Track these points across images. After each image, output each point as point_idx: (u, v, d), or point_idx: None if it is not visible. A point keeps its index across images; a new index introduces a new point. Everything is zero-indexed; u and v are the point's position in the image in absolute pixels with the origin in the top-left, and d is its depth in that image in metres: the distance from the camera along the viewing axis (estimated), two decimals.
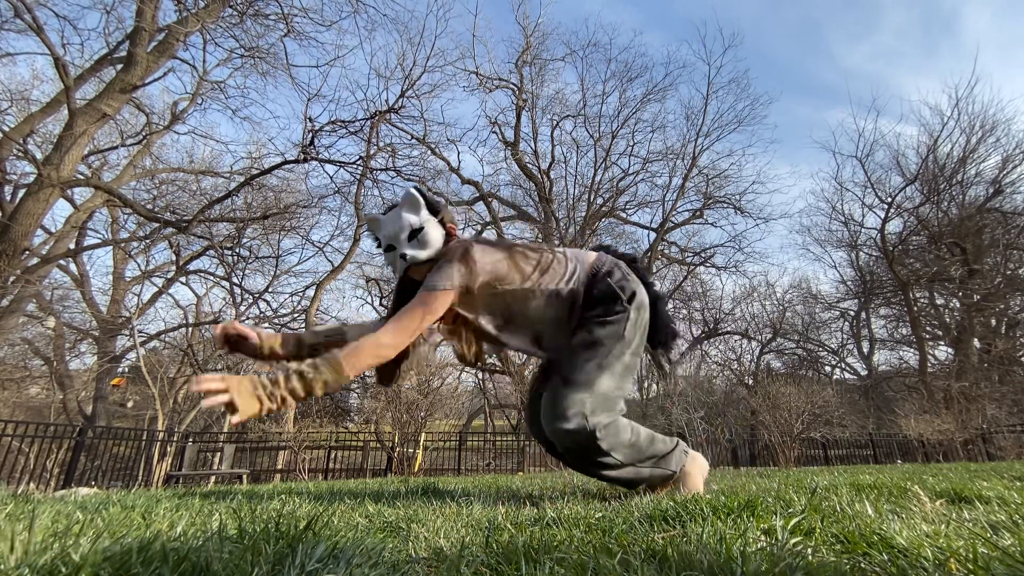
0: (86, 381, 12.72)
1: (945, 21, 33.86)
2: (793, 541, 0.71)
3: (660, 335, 1.89)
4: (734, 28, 31.70)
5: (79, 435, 6.38)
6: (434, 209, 1.75)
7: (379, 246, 1.78)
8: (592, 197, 16.29)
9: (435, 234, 1.71)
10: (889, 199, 15.93)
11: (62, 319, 12.66)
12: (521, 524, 1.05)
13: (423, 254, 1.68)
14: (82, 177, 9.81)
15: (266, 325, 14.80)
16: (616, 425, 1.57)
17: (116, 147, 11.75)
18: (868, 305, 18.01)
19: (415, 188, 1.72)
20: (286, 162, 11.05)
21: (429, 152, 14.00)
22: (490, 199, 15.74)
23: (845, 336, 19.31)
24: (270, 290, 14.92)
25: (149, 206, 11.72)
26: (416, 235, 1.68)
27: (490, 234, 16.49)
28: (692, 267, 17.94)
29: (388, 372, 1.76)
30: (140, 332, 12.20)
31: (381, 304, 17.20)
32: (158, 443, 7.79)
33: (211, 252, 12.91)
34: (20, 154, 7.92)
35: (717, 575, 0.57)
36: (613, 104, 17.22)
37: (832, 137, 39.97)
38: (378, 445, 8.73)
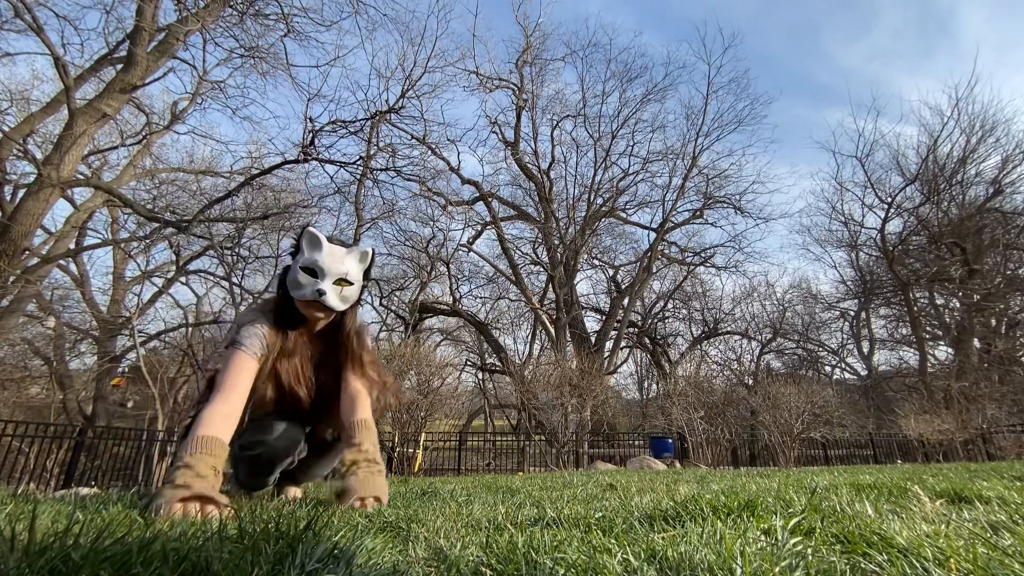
0: (86, 381, 12.72)
1: (940, 22, 33.92)
2: (793, 541, 0.70)
3: None
4: (733, 28, 31.75)
5: (79, 435, 6.39)
6: (368, 276, 1.82)
7: (292, 253, 1.76)
8: (592, 197, 16.30)
9: (355, 295, 1.76)
10: (889, 199, 15.93)
11: (62, 319, 12.66)
12: (521, 524, 1.05)
13: (339, 306, 1.70)
14: (82, 177, 9.82)
15: None
16: None
17: (116, 147, 11.76)
18: (868, 305, 18.01)
19: (372, 249, 1.81)
20: (286, 162, 11.05)
21: (429, 152, 14.01)
22: (490, 199, 15.74)
23: (845, 336, 19.34)
24: (270, 290, 14.91)
25: (149, 206, 11.72)
26: (345, 287, 1.70)
27: (490, 234, 16.51)
28: (692, 267, 17.94)
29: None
30: (140, 332, 12.20)
31: (381, 304, 17.20)
32: (158, 443, 7.79)
33: (211, 252, 12.92)
34: (20, 154, 7.93)
35: (717, 575, 0.57)
36: (613, 104, 17.22)
37: (832, 137, 40.04)
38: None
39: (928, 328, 16.34)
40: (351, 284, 1.71)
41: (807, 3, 33.91)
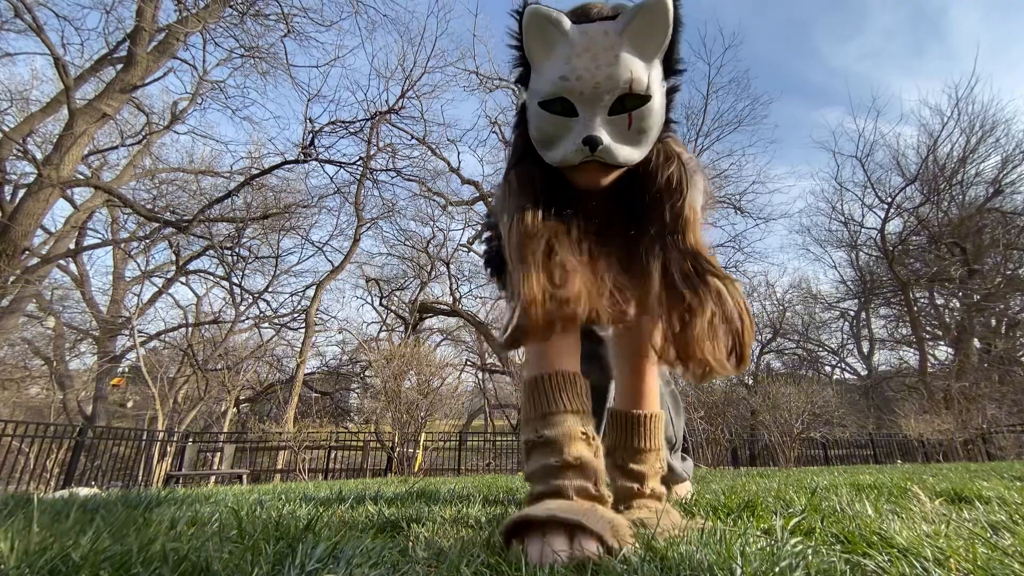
0: (86, 381, 12.72)
1: (933, 22, 33.94)
2: (793, 541, 0.71)
3: None
4: (732, 29, 31.79)
5: (79, 435, 6.38)
6: (674, 62, 0.89)
7: (520, 77, 0.93)
8: None
9: (659, 115, 0.88)
10: (889, 199, 15.94)
11: (62, 319, 12.66)
12: None
13: (632, 156, 0.88)
14: (82, 177, 9.82)
15: (266, 325, 14.81)
16: None
17: (116, 147, 11.76)
18: (868, 305, 18.01)
19: None
20: (286, 162, 11.08)
21: (429, 152, 14.00)
22: (490, 199, 15.73)
23: (845, 336, 19.33)
24: (270, 290, 14.93)
25: (149, 206, 11.72)
26: (635, 107, 0.84)
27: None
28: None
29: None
30: (140, 332, 12.21)
31: (381, 304, 17.19)
32: (158, 443, 7.79)
33: (211, 252, 12.92)
34: (20, 154, 7.93)
35: (717, 575, 0.57)
36: None
37: (832, 137, 39.88)
38: (378, 445, 8.74)
39: (928, 328, 16.34)
40: (647, 99, 0.84)
41: (797, 3, 33.97)
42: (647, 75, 0.83)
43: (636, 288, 0.92)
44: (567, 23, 0.82)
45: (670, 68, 0.89)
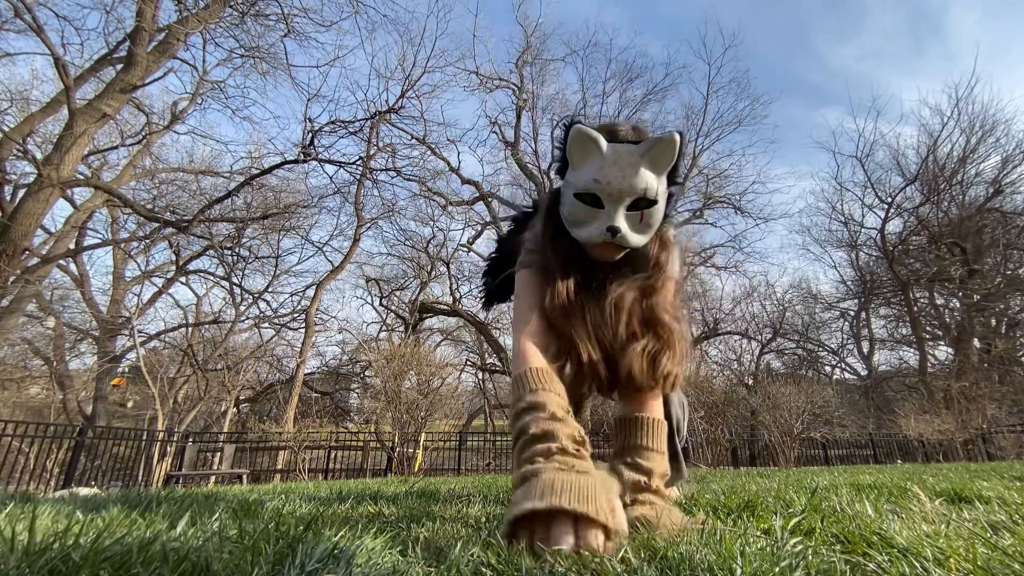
0: (86, 381, 12.72)
1: (933, 22, 34.01)
2: (793, 541, 0.70)
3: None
4: (731, 29, 31.81)
5: (79, 435, 6.38)
6: (675, 177, 1.20)
7: (559, 169, 1.24)
8: None
9: (661, 213, 1.20)
10: (889, 199, 15.94)
11: (62, 319, 12.66)
12: None
13: (639, 242, 1.18)
14: (82, 177, 9.82)
15: (266, 325, 14.82)
16: None
17: (116, 147, 11.76)
18: (868, 305, 18.01)
19: (678, 133, 1.12)
20: (286, 162, 11.08)
21: (429, 152, 14.00)
22: (490, 199, 15.73)
23: (845, 336, 19.32)
24: (270, 290, 14.94)
25: (149, 206, 11.72)
26: (646, 207, 1.15)
27: (490, 234, 16.52)
28: (692, 267, 17.94)
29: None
30: (140, 332, 12.20)
31: (381, 304, 17.19)
32: (158, 443, 7.79)
33: (211, 252, 12.93)
34: (20, 154, 7.93)
35: (717, 575, 0.57)
36: (613, 104, 17.16)
37: (832, 137, 39.90)
38: (378, 445, 8.73)
39: (928, 328, 16.34)
40: (654, 202, 1.15)
41: (797, 3, 34.04)
42: (656, 186, 1.15)
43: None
44: (604, 142, 1.13)
45: (671, 179, 1.21)
